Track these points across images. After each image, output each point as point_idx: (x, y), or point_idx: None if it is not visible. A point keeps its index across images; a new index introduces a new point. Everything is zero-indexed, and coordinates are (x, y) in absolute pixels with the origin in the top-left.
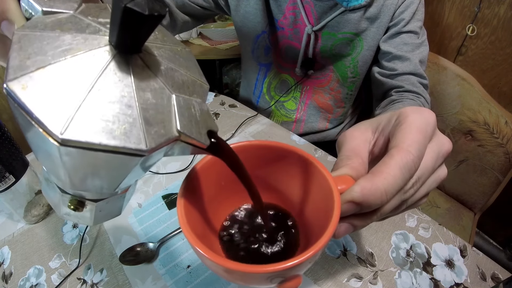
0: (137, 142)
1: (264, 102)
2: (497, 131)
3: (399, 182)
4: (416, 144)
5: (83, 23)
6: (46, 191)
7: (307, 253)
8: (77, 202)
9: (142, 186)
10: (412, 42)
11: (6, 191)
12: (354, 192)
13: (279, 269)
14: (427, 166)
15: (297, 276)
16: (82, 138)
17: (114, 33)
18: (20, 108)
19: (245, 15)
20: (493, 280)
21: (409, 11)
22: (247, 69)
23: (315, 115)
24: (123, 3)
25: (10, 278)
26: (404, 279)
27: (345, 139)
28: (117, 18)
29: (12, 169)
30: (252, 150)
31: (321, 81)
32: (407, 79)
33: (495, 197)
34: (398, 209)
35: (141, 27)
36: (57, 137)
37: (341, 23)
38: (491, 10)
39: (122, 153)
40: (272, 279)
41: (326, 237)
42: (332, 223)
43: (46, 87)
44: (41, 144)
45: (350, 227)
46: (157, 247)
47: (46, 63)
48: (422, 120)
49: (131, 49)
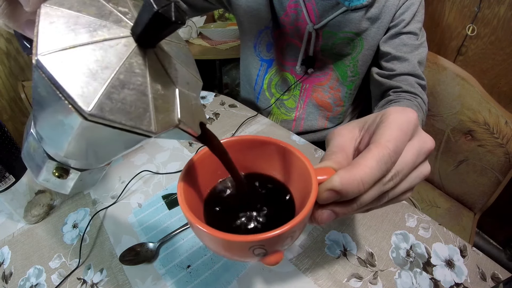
0: (148, 125)
1: (264, 99)
2: (497, 131)
3: (376, 173)
4: (393, 140)
5: (106, 9)
6: (29, 155)
7: (281, 228)
8: (63, 169)
9: (142, 186)
10: (411, 43)
11: (6, 191)
12: (334, 181)
13: (255, 239)
14: (406, 161)
15: (278, 251)
16: (107, 116)
17: (138, 28)
18: (49, 81)
19: (247, 10)
20: (493, 280)
21: (409, 12)
22: (248, 64)
23: (314, 113)
24: (155, 8)
25: (10, 278)
26: (404, 279)
27: (333, 136)
28: (145, 18)
29: (12, 169)
30: (242, 143)
31: (320, 80)
32: (405, 79)
33: (495, 197)
34: (380, 200)
35: (164, 30)
36: (85, 112)
37: (342, 22)
38: (491, 10)
39: (134, 133)
40: (254, 249)
41: (301, 216)
42: (308, 204)
43: (76, 67)
44: (57, 115)
45: (332, 214)
46: (157, 247)
47: (76, 44)
48: (403, 119)
49: (149, 44)
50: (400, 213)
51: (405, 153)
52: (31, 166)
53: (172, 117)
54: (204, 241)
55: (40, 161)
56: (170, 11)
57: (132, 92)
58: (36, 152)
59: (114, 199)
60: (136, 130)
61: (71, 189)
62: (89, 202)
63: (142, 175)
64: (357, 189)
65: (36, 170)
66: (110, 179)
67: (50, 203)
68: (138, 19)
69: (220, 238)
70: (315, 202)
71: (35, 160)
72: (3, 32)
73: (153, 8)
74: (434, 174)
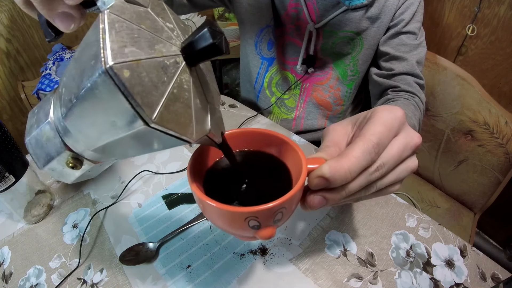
0: (191, 134)
1: (264, 97)
2: (497, 131)
3: (361, 163)
4: (377, 133)
5: (158, 24)
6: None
7: (273, 203)
8: (78, 160)
9: (142, 186)
10: (410, 43)
11: (6, 191)
12: (324, 169)
13: (250, 210)
14: (392, 154)
15: (271, 226)
16: (165, 124)
17: (190, 51)
18: (119, 89)
19: (248, 8)
20: (493, 280)
21: (409, 12)
22: (248, 63)
23: (314, 112)
24: (211, 40)
25: (10, 278)
26: (404, 279)
27: (328, 132)
28: (201, 45)
29: (12, 169)
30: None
31: (320, 79)
32: (404, 79)
33: (495, 197)
34: (368, 190)
35: (211, 56)
36: (149, 120)
37: (342, 22)
38: (491, 10)
39: (179, 139)
40: (249, 220)
41: (290, 194)
42: (297, 185)
43: (142, 79)
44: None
45: (323, 199)
46: (157, 247)
47: (141, 57)
48: (389, 116)
49: (194, 64)
50: (400, 213)
51: (390, 147)
52: (38, 154)
53: (205, 127)
54: (210, 215)
55: (53, 151)
56: (222, 44)
57: (181, 105)
58: (50, 142)
59: (114, 199)
60: (182, 137)
61: (77, 179)
62: (89, 202)
63: (142, 175)
64: (344, 176)
65: (44, 158)
66: (110, 179)
67: (50, 203)
68: (193, 44)
69: (224, 209)
70: (308, 189)
71: (46, 149)
72: (3, 32)
73: (210, 40)
74: (434, 174)
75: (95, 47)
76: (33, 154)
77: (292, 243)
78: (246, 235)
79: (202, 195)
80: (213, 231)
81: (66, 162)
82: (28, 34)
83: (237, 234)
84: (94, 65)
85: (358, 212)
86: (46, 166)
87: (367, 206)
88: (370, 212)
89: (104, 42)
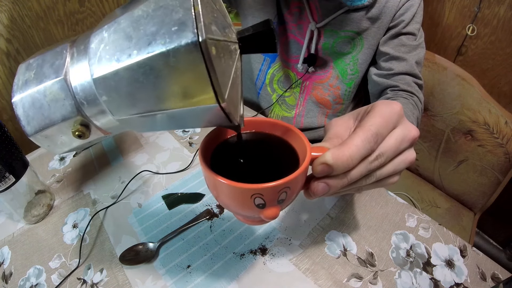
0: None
1: (265, 94)
2: (497, 131)
3: (362, 151)
4: (376, 124)
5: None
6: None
7: (277, 182)
8: (86, 128)
9: (142, 186)
10: (410, 44)
11: (6, 191)
12: (327, 156)
13: (256, 187)
14: (390, 144)
15: (275, 206)
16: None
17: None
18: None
19: (252, 4)
20: (493, 280)
21: (409, 13)
22: (250, 59)
23: (314, 111)
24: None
25: (10, 278)
26: (404, 279)
27: (330, 126)
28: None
29: (12, 169)
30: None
31: (321, 77)
32: (403, 78)
33: (495, 197)
34: (368, 179)
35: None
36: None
37: (344, 22)
38: (491, 10)
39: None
40: (255, 198)
41: (294, 175)
42: (302, 167)
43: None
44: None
45: (326, 186)
46: (157, 247)
47: (220, 38)
48: (388, 109)
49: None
50: (400, 213)
51: (389, 138)
52: (31, 117)
53: (240, 111)
54: (218, 192)
55: (58, 115)
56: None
57: (235, 90)
58: (57, 103)
59: (114, 199)
60: (233, 120)
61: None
62: (89, 202)
63: (142, 175)
64: (346, 163)
65: (39, 123)
66: (110, 179)
67: (50, 203)
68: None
69: (232, 185)
70: (312, 177)
71: (46, 112)
72: (3, 32)
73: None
74: (434, 174)
75: (181, 14)
76: (21, 116)
77: (292, 243)
78: (251, 215)
79: (210, 172)
80: (213, 231)
81: (73, 129)
82: (28, 34)
83: (243, 214)
84: (179, 33)
85: (358, 212)
86: (40, 133)
87: (367, 206)
88: (370, 212)
89: (198, 13)
